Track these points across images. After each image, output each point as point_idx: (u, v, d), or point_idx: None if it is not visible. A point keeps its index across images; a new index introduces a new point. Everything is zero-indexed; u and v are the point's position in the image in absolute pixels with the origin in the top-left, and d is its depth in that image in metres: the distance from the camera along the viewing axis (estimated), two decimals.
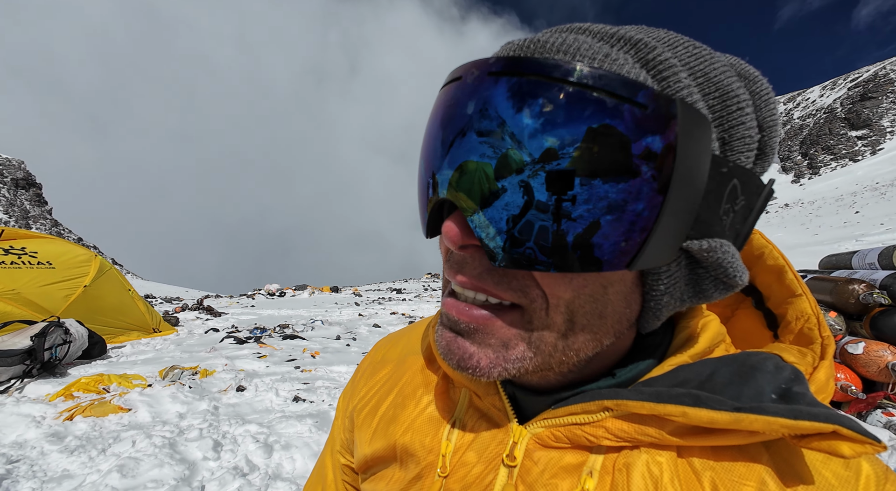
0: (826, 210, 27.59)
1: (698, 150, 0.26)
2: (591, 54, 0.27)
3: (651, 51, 0.28)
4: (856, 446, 0.26)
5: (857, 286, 1.82)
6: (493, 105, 0.27)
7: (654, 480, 0.31)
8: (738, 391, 0.30)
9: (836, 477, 0.30)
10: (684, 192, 0.26)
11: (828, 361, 0.35)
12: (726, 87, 0.29)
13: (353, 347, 4.57)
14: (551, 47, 0.28)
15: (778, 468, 0.31)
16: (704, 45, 0.30)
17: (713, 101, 0.29)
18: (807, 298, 0.39)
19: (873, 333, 1.78)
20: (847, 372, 1.75)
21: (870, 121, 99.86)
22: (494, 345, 0.31)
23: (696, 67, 0.29)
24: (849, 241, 12.59)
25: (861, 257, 2.12)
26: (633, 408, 0.32)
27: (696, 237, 0.29)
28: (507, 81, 0.26)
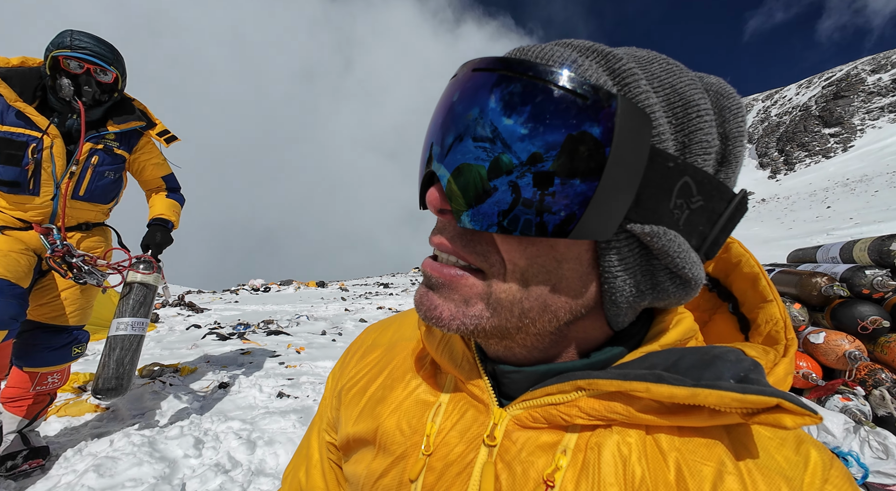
0: (800, 205, 28.64)
1: (635, 141, 0.30)
2: (562, 60, 0.32)
3: (617, 61, 0.32)
4: (796, 418, 0.30)
5: (819, 279, 1.91)
6: (467, 94, 0.33)
7: (623, 459, 0.34)
8: (700, 374, 0.33)
9: (787, 461, 0.33)
10: (619, 175, 0.30)
11: (788, 359, 0.38)
12: (689, 97, 0.32)
13: (339, 342, 4.56)
14: (534, 54, 0.33)
15: (736, 451, 0.34)
16: (681, 65, 0.34)
17: (677, 109, 0.32)
18: (777, 304, 0.41)
19: (833, 324, 1.88)
20: (808, 360, 1.85)
21: (842, 119, 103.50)
22: (457, 300, 0.36)
23: (665, 79, 0.33)
24: (820, 235, 13.11)
25: (825, 252, 2.22)
26: (602, 386, 0.35)
27: (639, 221, 0.32)
28: (481, 76, 0.32)
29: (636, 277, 0.35)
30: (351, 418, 0.50)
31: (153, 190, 2.33)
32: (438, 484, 0.39)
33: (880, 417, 1.60)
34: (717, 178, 0.34)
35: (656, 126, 0.31)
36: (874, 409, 1.62)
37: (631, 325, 0.40)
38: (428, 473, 0.40)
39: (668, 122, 0.32)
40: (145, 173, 2.22)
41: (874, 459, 1.44)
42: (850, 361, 1.69)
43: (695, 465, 0.33)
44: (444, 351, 0.45)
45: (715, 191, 0.34)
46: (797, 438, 0.35)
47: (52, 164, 1.76)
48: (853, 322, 1.75)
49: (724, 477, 0.32)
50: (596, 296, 0.35)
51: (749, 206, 6.73)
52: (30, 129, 1.71)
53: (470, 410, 0.41)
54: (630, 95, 0.31)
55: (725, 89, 0.35)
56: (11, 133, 1.68)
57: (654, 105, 0.31)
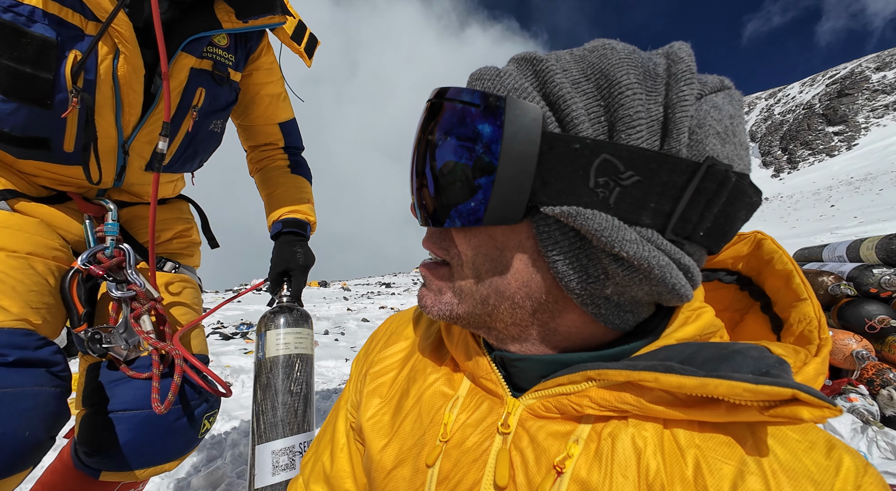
0: (804, 204, 28.52)
1: (524, 132, 0.33)
2: (488, 76, 0.36)
3: (540, 63, 0.35)
4: (814, 411, 0.28)
5: (826, 278, 1.90)
6: (421, 122, 0.40)
7: (638, 451, 0.33)
8: (716, 367, 0.32)
9: (816, 465, 0.31)
10: (513, 164, 0.33)
11: (820, 359, 0.36)
12: (613, 76, 0.33)
13: (342, 342, 4.57)
14: (478, 75, 0.38)
15: (760, 451, 0.32)
16: (622, 47, 0.36)
17: (604, 91, 0.34)
18: (811, 302, 0.40)
19: (840, 323, 1.87)
20: None
21: (846, 117, 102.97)
22: (434, 290, 0.43)
23: (598, 65, 0.34)
24: (824, 234, 13.06)
25: (831, 250, 2.21)
26: (611, 376, 0.35)
27: (550, 203, 0.33)
28: (428, 106, 0.39)
29: (580, 261, 0.34)
30: (371, 406, 0.51)
31: (262, 148, 1.23)
32: (454, 469, 0.40)
33: (888, 417, 1.59)
34: (661, 151, 0.32)
35: (563, 113, 0.33)
36: (882, 409, 1.60)
37: (647, 322, 0.39)
38: (444, 460, 0.41)
39: (593, 105, 0.34)
40: (256, 111, 1.15)
41: (882, 459, 1.43)
42: (858, 361, 1.68)
43: (715, 462, 0.32)
44: (459, 347, 0.46)
45: (657, 164, 0.32)
46: (828, 443, 0.33)
47: (114, 99, 0.81)
48: (860, 321, 1.74)
49: (746, 477, 0.31)
50: (551, 283, 0.37)
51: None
52: (72, 18, 0.73)
53: (486, 401, 0.42)
54: (547, 90, 0.34)
55: (677, 55, 0.34)
56: (26, 20, 0.69)
57: (567, 95, 0.33)
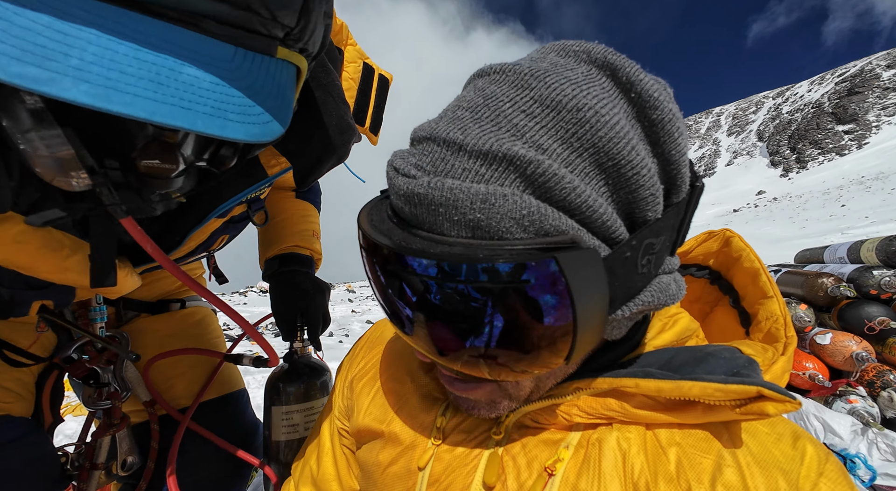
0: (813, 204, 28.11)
1: (591, 279, 0.29)
2: (492, 213, 0.29)
3: (529, 165, 0.29)
4: (778, 405, 0.31)
5: (826, 280, 1.90)
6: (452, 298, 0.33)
7: (623, 453, 0.36)
8: (692, 370, 0.35)
9: (784, 455, 0.34)
10: (590, 307, 0.30)
11: (786, 357, 0.39)
12: (611, 152, 0.29)
13: (346, 344, 4.61)
14: (429, 213, 0.31)
15: (735, 445, 0.35)
16: (580, 88, 0.30)
17: (609, 171, 0.30)
18: (777, 300, 0.42)
19: (840, 325, 1.87)
20: (815, 362, 1.83)
21: (856, 115, 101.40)
22: (486, 404, 0.40)
23: (581, 134, 0.30)
24: (835, 235, 12.86)
25: (832, 252, 2.20)
26: (596, 384, 0.37)
27: (616, 310, 0.33)
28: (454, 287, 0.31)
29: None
30: (363, 408, 0.52)
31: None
32: (445, 472, 0.41)
33: (888, 418, 1.58)
34: (670, 208, 0.34)
35: (596, 224, 0.30)
36: (882, 410, 1.60)
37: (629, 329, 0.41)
38: (436, 463, 0.42)
39: (605, 190, 0.31)
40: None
41: (882, 461, 1.43)
42: (858, 363, 1.68)
43: (694, 457, 0.34)
44: None
45: (675, 217, 0.34)
46: (794, 434, 0.36)
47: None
48: (860, 323, 1.74)
49: (723, 469, 0.33)
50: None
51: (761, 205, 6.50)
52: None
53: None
54: (569, 204, 0.29)
55: (654, 99, 0.30)
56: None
57: (590, 201, 0.29)
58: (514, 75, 0.32)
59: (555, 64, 0.32)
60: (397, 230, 0.33)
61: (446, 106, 0.37)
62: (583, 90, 0.30)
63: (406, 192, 0.32)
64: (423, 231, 0.31)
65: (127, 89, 0.29)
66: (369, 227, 0.35)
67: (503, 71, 0.33)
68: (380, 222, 0.35)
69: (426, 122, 0.36)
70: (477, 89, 0.34)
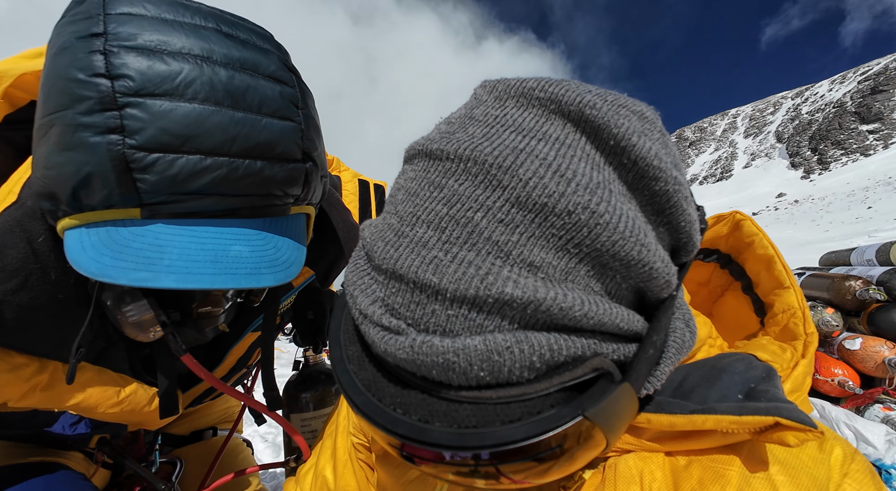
0: (837, 206, 27.15)
1: (620, 411, 0.27)
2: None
3: (528, 306, 0.25)
4: (799, 435, 0.29)
5: (853, 282, 1.83)
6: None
7: (639, 471, 0.34)
8: (706, 394, 0.33)
9: (811, 458, 0.33)
10: (620, 430, 0.29)
11: (807, 360, 0.37)
12: (619, 254, 0.26)
13: None
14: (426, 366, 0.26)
15: (759, 454, 0.33)
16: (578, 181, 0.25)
17: (619, 271, 0.27)
18: (794, 291, 0.40)
19: (870, 329, 1.79)
20: (845, 368, 1.76)
21: (881, 114, 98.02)
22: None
23: (595, 249, 0.26)
24: (861, 237, 12.38)
25: (859, 254, 2.12)
26: None
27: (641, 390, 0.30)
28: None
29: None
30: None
31: None
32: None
33: None
34: (682, 268, 0.31)
35: (624, 330, 0.27)
36: None
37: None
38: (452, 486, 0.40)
39: (622, 299, 0.28)
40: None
41: None
42: (891, 368, 1.60)
43: (718, 470, 0.33)
44: None
45: (683, 276, 0.31)
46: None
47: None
48: (892, 327, 1.66)
49: (751, 481, 0.31)
50: None
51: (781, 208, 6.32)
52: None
53: None
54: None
55: (646, 166, 0.26)
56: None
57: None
58: (477, 167, 0.26)
59: (519, 128, 0.27)
60: (385, 384, 0.28)
61: (396, 192, 0.31)
62: (569, 182, 0.24)
63: (385, 351, 0.27)
64: (417, 381, 0.27)
65: (197, 271, 0.44)
66: (349, 380, 0.30)
67: (459, 157, 0.26)
68: (358, 365, 0.30)
69: (380, 238, 0.29)
70: (433, 186, 0.27)
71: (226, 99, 0.44)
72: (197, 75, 0.43)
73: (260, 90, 0.47)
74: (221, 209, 0.47)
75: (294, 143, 0.50)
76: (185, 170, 0.43)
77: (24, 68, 0.54)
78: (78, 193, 0.43)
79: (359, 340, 0.31)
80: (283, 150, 0.49)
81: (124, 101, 0.41)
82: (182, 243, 0.44)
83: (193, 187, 0.44)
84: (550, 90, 0.27)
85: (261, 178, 0.48)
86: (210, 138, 0.43)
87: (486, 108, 0.30)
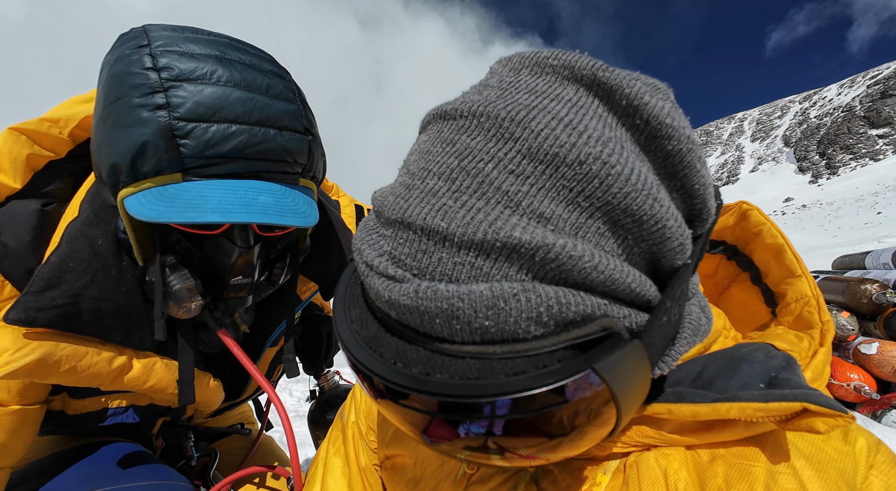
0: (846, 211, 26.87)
1: (630, 372, 0.26)
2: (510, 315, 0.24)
3: (537, 252, 0.24)
4: (829, 421, 0.28)
5: (869, 286, 1.80)
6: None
7: (663, 469, 0.33)
8: (726, 383, 0.32)
9: (837, 451, 0.32)
10: (633, 399, 0.27)
11: (826, 348, 0.36)
12: (630, 209, 0.25)
13: None
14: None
15: (784, 448, 0.32)
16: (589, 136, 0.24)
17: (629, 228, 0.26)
18: (806, 279, 0.39)
19: (887, 334, 1.77)
20: (861, 372, 1.73)
21: (891, 119, 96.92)
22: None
23: (592, 193, 0.25)
24: (870, 243, 12.23)
25: (875, 257, 2.09)
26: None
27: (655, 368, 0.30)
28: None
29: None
30: (385, 438, 0.50)
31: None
32: None
33: None
34: (697, 240, 0.30)
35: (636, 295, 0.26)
36: None
37: None
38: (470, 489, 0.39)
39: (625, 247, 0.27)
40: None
41: None
42: None
43: (744, 467, 0.32)
44: None
45: (698, 251, 0.30)
46: (843, 427, 0.34)
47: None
48: None
49: (777, 477, 0.31)
50: None
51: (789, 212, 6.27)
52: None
53: None
54: (592, 282, 0.25)
55: (659, 124, 0.25)
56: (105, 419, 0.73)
57: (616, 275, 0.25)
58: (489, 121, 0.26)
59: (533, 90, 0.27)
60: (387, 340, 0.27)
61: (409, 156, 0.30)
62: (580, 134, 0.24)
63: (388, 300, 0.26)
64: (420, 337, 0.26)
65: (234, 211, 0.55)
66: (351, 338, 0.29)
67: (473, 114, 0.26)
68: (361, 324, 0.29)
69: (391, 194, 0.29)
70: (445, 142, 0.27)
71: (241, 83, 0.57)
72: (218, 67, 0.56)
73: (266, 80, 0.60)
74: (247, 171, 0.58)
75: (297, 119, 0.62)
76: (217, 135, 0.55)
77: (84, 112, 0.68)
78: (135, 162, 0.54)
79: (364, 300, 0.31)
80: (289, 123, 0.61)
81: (168, 85, 0.54)
82: (219, 194, 0.55)
83: (223, 150, 0.55)
84: (564, 58, 0.27)
85: (275, 145, 0.59)
86: (233, 110, 0.55)
87: (500, 77, 0.30)
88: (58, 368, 0.55)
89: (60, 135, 0.65)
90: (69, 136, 0.67)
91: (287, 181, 0.63)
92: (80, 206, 0.62)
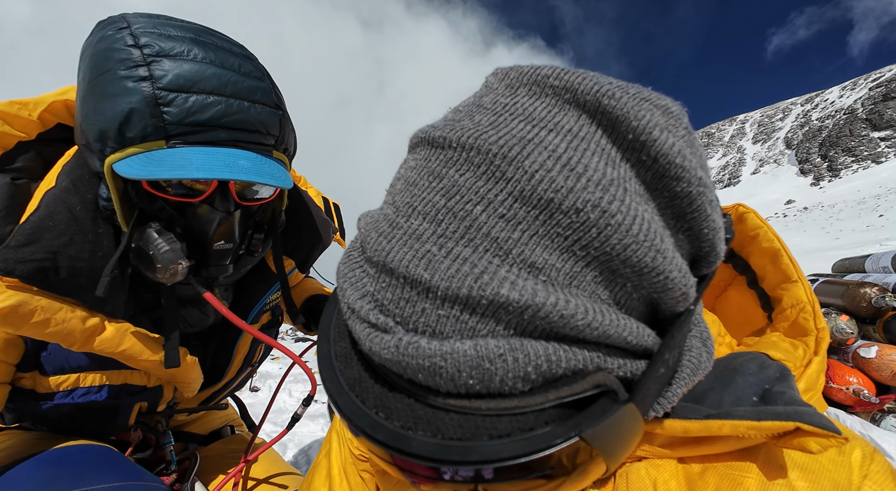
0: (847, 213, 26.81)
1: (621, 434, 0.25)
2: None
3: (525, 311, 0.23)
4: (821, 440, 0.27)
5: (869, 289, 1.80)
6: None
7: (652, 479, 0.33)
8: (720, 397, 0.31)
9: (831, 461, 0.32)
10: (622, 453, 0.27)
11: (820, 358, 0.36)
12: (631, 260, 0.24)
13: None
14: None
15: (777, 459, 0.32)
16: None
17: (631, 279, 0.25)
18: (802, 285, 0.39)
19: (886, 337, 1.76)
20: (860, 376, 1.73)
21: (893, 121, 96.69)
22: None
23: (604, 252, 0.23)
24: (872, 245, 12.20)
25: (875, 261, 2.09)
26: None
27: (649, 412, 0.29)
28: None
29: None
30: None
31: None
32: None
33: None
34: (703, 281, 0.29)
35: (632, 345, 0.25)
36: None
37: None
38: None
39: (632, 310, 0.26)
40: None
41: None
42: None
43: (736, 478, 0.31)
44: None
45: (702, 288, 0.29)
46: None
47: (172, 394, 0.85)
48: None
49: (770, 488, 0.30)
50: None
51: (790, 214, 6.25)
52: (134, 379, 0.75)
53: None
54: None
55: (668, 163, 0.23)
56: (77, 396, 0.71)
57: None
58: (480, 156, 0.23)
59: (529, 117, 0.25)
60: (370, 385, 0.26)
61: (395, 181, 0.29)
62: (579, 177, 0.22)
63: (370, 350, 0.25)
64: (404, 384, 0.25)
65: (217, 171, 0.59)
66: (334, 378, 0.28)
67: (462, 146, 0.24)
68: (345, 363, 0.28)
69: (374, 228, 0.27)
70: (432, 175, 0.25)
71: (216, 61, 0.63)
72: (194, 47, 0.62)
73: (237, 60, 0.66)
74: (225, 139, 0.63)
75: (267, 95, 0.68)
76: (196, 104, 0.60)
77: (53, 98, 0.71)
78: (122, 128, 0.58)
79: (348, 336, 0.29)
80: (260, 98, 0.66)
81: (150, 60, 0.59)
82: (202, 157, 0.60)
83: (202, 119, 0.60)
84: (566, 78, 0.25)
85: (249, 116, 0.65)
86: (210, 83, 0.61)
87: (495, 96, 0.27)
88: (31, 318, 0.57)
89: (30, 116, 0.68)
90: (38, 119, 0.69)
91: (262, 152, 0.68)
92: (58, 177, 0.64)
